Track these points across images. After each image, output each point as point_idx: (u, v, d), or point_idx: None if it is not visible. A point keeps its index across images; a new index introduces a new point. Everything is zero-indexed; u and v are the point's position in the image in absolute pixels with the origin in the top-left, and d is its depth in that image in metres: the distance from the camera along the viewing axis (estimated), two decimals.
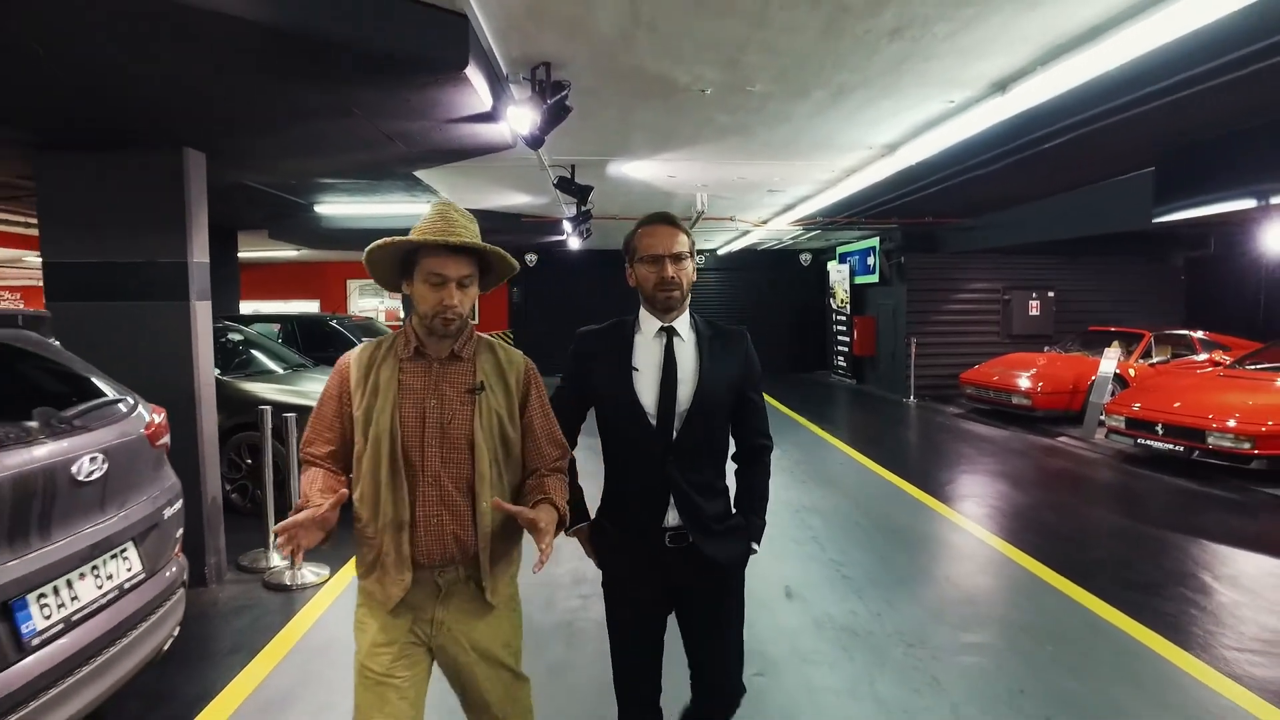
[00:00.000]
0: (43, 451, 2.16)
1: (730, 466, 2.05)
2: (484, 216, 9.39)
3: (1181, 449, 6.96)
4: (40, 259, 4.35)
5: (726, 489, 1.99)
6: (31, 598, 2.09)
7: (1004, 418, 10.17)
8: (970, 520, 5.60)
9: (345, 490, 1.63)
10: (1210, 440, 6.70)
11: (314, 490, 1.66)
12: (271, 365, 6.76)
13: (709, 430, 1.88)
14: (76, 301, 4.22)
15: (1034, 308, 12.43)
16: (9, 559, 2.02)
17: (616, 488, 1.96)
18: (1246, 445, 6.45)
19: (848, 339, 14.55)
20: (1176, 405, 7.20)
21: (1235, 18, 3.17)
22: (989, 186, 7.77)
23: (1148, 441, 7.30)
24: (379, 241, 1.69)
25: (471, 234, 1.70)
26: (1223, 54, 4.02)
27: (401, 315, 16.10)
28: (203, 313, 4.41)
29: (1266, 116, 5.51)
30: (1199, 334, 10.59)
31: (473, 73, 3.48)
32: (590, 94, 4.58)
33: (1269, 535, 5.27)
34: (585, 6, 3.34)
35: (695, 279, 1.92)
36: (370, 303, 17.89)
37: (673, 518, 1.86)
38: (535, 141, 4.33)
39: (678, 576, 1.90)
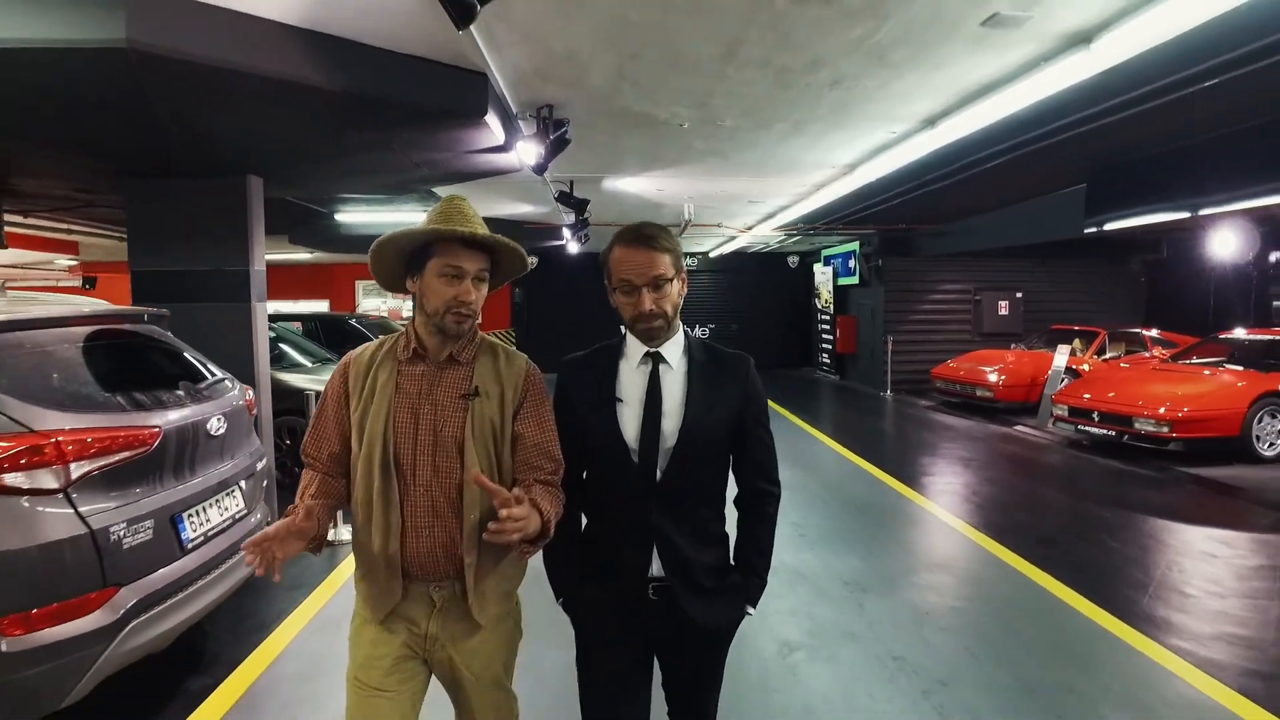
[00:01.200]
0: (192, 411, 3.01)
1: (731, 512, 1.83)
2: (489, 223, 10.17)
3: (1113, 433, 7.82)
4: (69, 261, 5.18)
5: (725, 536, 1.76)
6: (186, 515, 2.93)
7: (969, 409, 11.03)
8: (920, 494, 6.45)
9: (314, 503, 1.59)
10: (1137, 425, 7.55)
11: (304, 497, 1.63)
12: (301, 359, 7.59)
13: (699, 471, 1.67)
14: (159, 303, 5.05)
15: (1003, 307, 13.29)
16: (176, 485, 2.87)
17: (595, 531, 1.76)
18: (1166, 429, 7.31)
19: (831, 337, 15.42)
20: (1111, 395, 8.05)
21: (1136, 61, 3.91)
22: (944, 199, 8.62)
23: (1086, 428, 8.16)
24: (392, 233, 1.60)
25: (484, 229, 1.63)
26: (1131, 89, 4.80)
27: (405, 313, 16.89)
28: (261, 312, 5.26)
29: (1185, 141, 6.34)
30: (1153, 332, 11.44)
31: (489, 117, 4.33)
32: (585, 126, 5.42)
33: (1173, 505, 6.10)
34: (581, 68, 4.19)
35: (684, 294, 1.70)
36: (372, 302, 18.72)
37: (656, 567, 1.65)
38: (540, 169, 5.18)
39: (660, 633, 1.69)
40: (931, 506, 6.01)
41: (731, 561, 1.76)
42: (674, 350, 1.69)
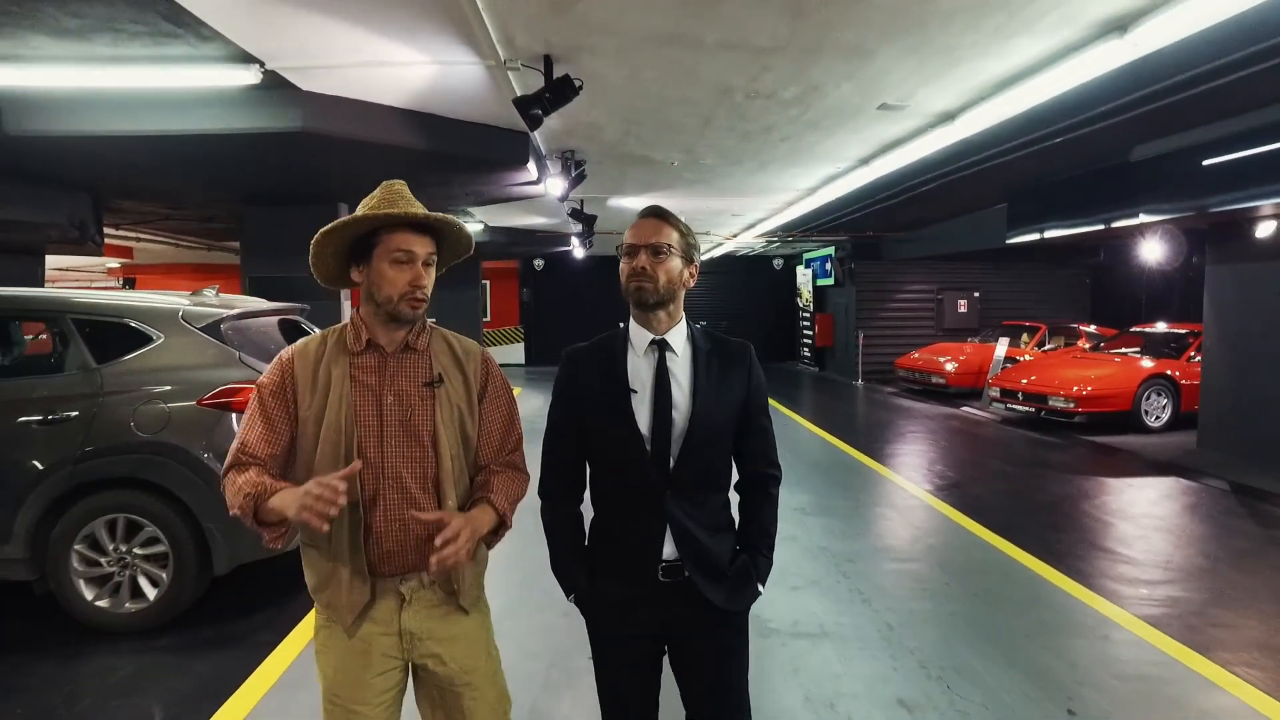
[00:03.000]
0: None
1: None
2: (506, 232, 11.82)
3: (1033, 409, 9.40)
4: (116, 263, 6.71)
5: (733, 523, 1.78)
6: None
7: (927, 394, 12.60)
8: (867, 456, 7.99)
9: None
10: (1050, 402, 9.13)
11: (266, 481, 1.51)
12: None
13: (710, 459, 1.67)
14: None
15: (962, 306, 14.87)
16: None
17: (606, 524, 1.73)
18: (1072, 405, 8.88)
19: (811, 333, 17.00)
20: (1033, 378, 9.62)
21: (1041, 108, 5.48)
22: (896, 213, 10.19)
23: (1013, 406, 9.73)
24: (335, 223, 1.53)
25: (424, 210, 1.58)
26: (979, 151, 6.38)
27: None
28: (347, 306, 6.80)
29: (1088, 168, 7.86)
30: (1090, 327, 13.01)
31: (529, 163, 5.88)
32: (598, 164, 6.97)
33: (1071, 463, 7.64)
34: (598, 130, 5.73)
35: (688, 283, 1.68)
36: None
37: (669, 550, 1.63)
38: (563, 198, 6.73)
39: (672, 616, 1.67)
40: (874, 464, 7.57)
41: (738, 545, 1.75)
42: (678, 337, 1.67)
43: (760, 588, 1.71)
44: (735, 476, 1.79)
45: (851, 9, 3.42)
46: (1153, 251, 12.53)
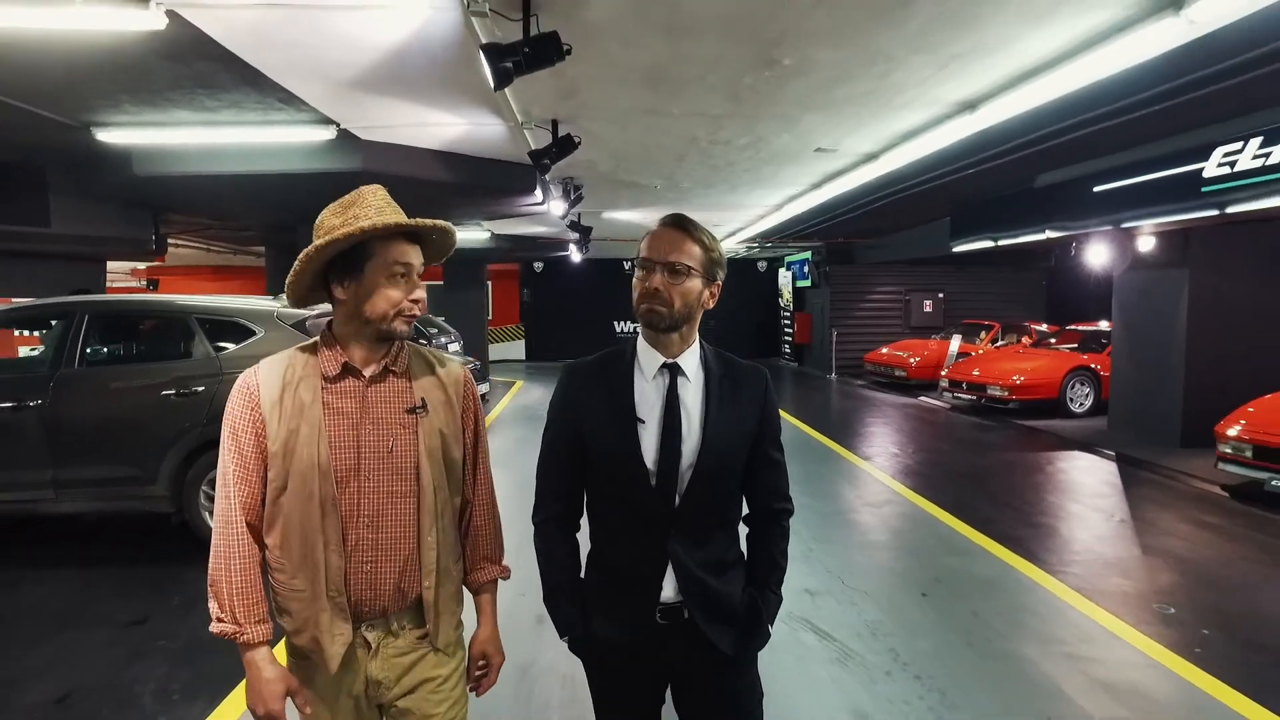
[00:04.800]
0: None
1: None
2: (509, 239, 13.10)
3: (976, 398, 10.72)
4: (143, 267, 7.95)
5: (741, 558, 1.63)
6: None
7: (891, 386, 13.92)
8: (829, 438, 9.29)
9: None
10: (989, 391, 10.44)
11: (237, 599, 1.37)
12: None
13: (718, 493, 1.53)
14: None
15: (928, 306, 16.20)
16: None
17: (603, 556, 1.58)
18: (1007, 394, 10.20)
19: (791, 330, 18.32)
20: (977, 371, 10.93)
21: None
22: (859, 223, 11.50)
23: (959, 395, 11.05)
24: (328, 238, 1.34)
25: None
26: (901, 181, 7.66)
27: None
28: None
29: (1002, 193, 9.17)
30: (1043, 326, 14.33)
31: (537, 190, 7.16)
32: (593, 188, 8.26)
33: (1002, 442, 8.95)
34: (593, 164, 7.02)
35: (708, 304, 1.51)
36: None
37: (669, 591, 1.49)
38: (564, 217, 8.01)
39: (675, 659, 1.53)
40: (834, 445, 8.87)
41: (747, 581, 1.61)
42: (690, 361, 1.52)
43: (770, 628, 1.58)
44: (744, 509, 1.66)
45: (773, 96, 4.73)
46: (1097, 257, 13.96)
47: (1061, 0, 3.05)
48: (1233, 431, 6.05)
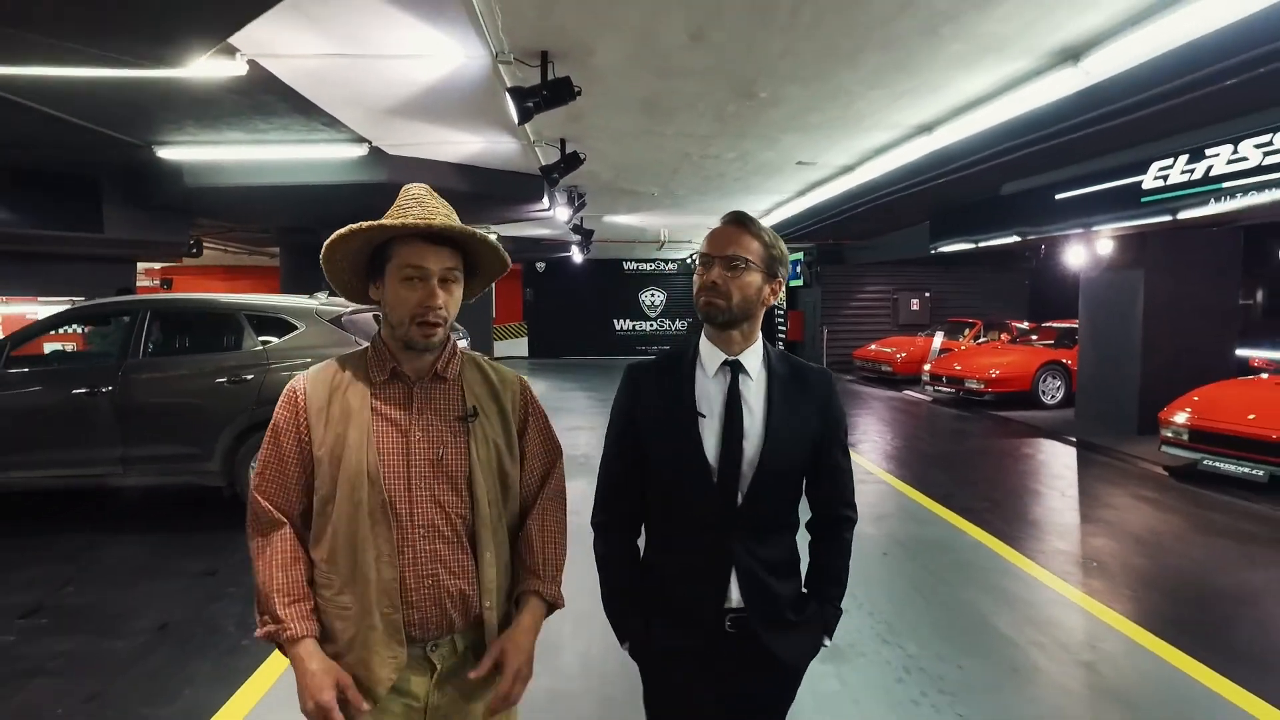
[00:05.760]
0: None
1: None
2: (515, 241, 13.75)
3: (954, 391, 11.38)
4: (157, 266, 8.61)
5: (799, 563, 1.61)
6: None
7: (878, 381, 14.59)
8: None
9: (307, 602, 1.34)
10: (967, 385, 11.11)
11: (277, 595, 1.32)
12: None
13: (780, 495, 1.52)
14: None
15: (915, 305, 16.87)
16: None
17: (663, 563, 1.55)
18: (983, 386, 10.87)
19: (784, 328, 18.99)
20: (957, 367, 11.60)
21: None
22: (848, 227, 12.14)
23: (939, 389, 11.73)
24: (342, 232, 1.31)
25: (454, 220, 1.39)
26: (887, 185, 8.31)
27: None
28: None
29: (972, 200, 9.83)
30: (1024, 324, 14.99)
31: (544, 199, 7.82)
32: (595, 195, 8.93)
33: (978, 430, 9.62)
34: (595, 174, 7.68)
35: (769, 301, 1.51)
36: None
37: (735, 597, 1.47)
38: (568, 221, 8.68)
39: (735, 670, 1.51)
40: None
41: (804, 589, 1.60)
42: (753, 359, 1.51)
43: (827, 640, 1.59)
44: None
45: (754, 120, 5.42)
46: (1075, 258, 14.64)
47: (985, 51, 3.71)
48: (1174, 418, 6.72)
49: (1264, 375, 7.34)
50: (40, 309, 18.13)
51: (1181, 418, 6.65)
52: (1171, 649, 3.40)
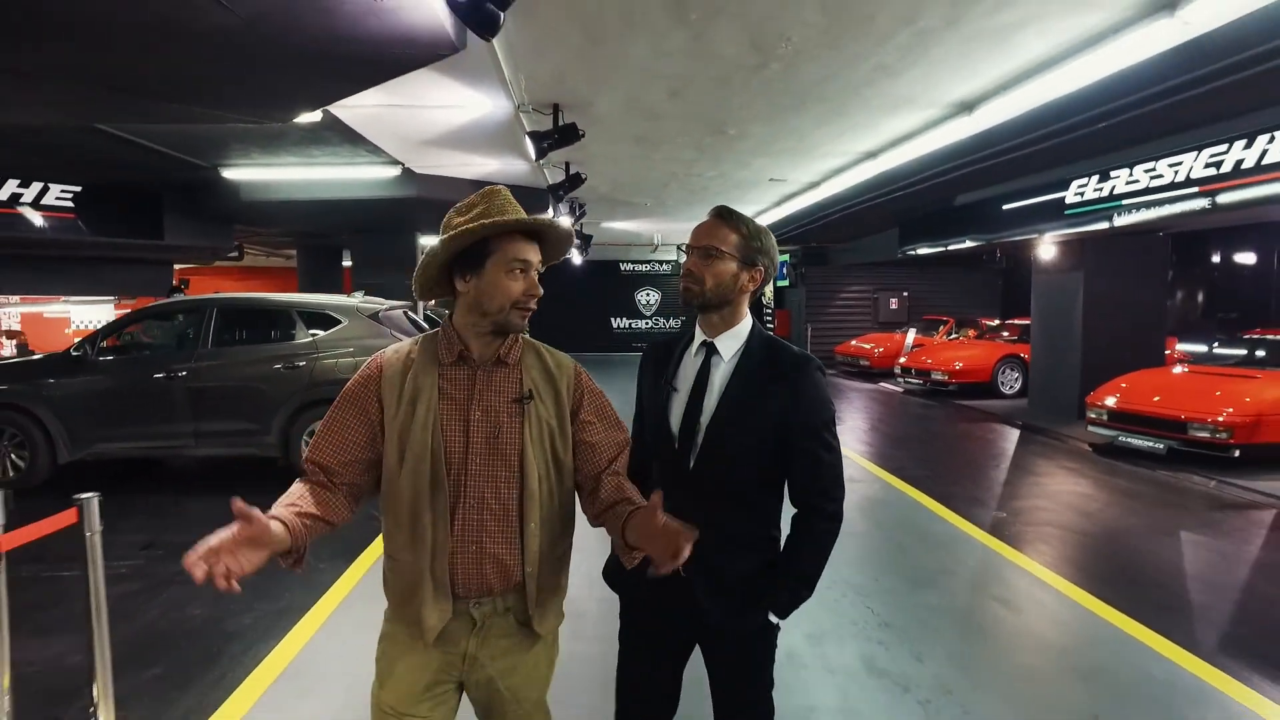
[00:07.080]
0: None
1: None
2: None
3: (923, 383, 12.43)
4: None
5: (765, 547, 1.69)
6: None
7: (857, 374, 15.62)
8: None
9: (289, 515, 1.42)
10: (933, 376, 12.15)
11: (280, 507, 1.46)
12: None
13: (732, 469, 1.61)
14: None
15: (894, 303, 17.91)
16: None
17: None
18: (947, 378, 11.91)
19: (772, 326, 20.03)
20: (927, 360, 12.63)
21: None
22: (827, 231, 13.21)
23: (909, 381, 12.77)
24: (453, 233, 1.46)
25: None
26: (851, 198, 9.35)
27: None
28: (422, 307, 9.75)
29: (931, 210, 10.87)
30: (995, 321, 16.03)
31: (548, 210, 8.83)
32: (594, 205, 9.95)
33: (941, 417, 10.64)
34: (594, 187, 8.69)
35: (747, 288, 1.63)
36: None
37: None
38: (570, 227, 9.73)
39: (694, 620, 1.65)
40: None
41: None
42: (729, 342, 1.64)
43: (772, 617, 1.63)
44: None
45: (728, 148, 6.45)
46: (1030, 261, 15.71)
47: (900, 103, 4.76)
48: (1099, 401, 7.77)
49: (1179, 366, 8.38)
50: (71, 309, 19.11)
51: (1108, 400, 7.69)
52: (1050, 572, 4.43)
